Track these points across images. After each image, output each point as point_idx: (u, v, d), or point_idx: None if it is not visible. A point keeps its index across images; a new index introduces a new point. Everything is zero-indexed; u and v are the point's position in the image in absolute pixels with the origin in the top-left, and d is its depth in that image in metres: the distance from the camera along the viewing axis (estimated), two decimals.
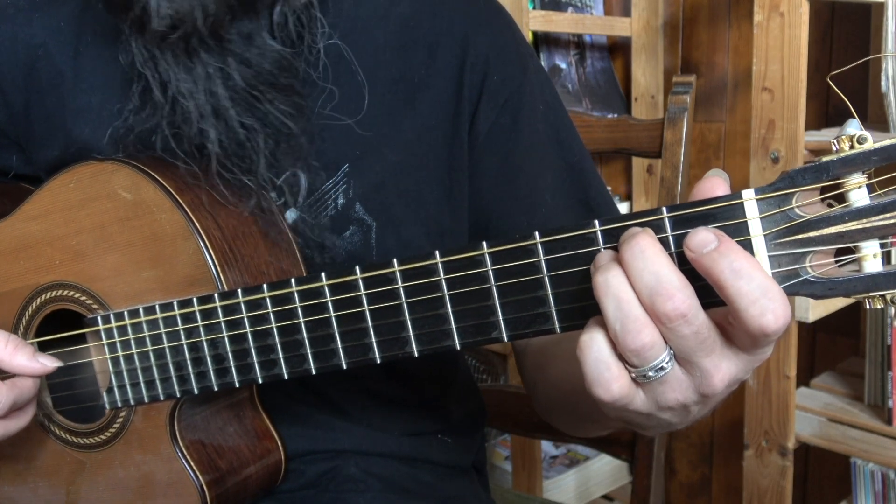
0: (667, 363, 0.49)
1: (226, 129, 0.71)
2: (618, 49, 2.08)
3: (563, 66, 1.97)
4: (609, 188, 2.06)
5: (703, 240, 0.46)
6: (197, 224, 0.67)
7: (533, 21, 1.73)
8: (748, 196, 0.48)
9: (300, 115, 0.74)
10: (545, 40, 1.95)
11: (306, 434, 0.82)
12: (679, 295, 0.46)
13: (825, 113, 1.79)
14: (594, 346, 0.49)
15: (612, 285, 0.48)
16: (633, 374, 0.50)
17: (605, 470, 2.02)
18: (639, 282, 0.47)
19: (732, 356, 0.49)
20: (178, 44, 0.69)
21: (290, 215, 0.76)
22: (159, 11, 0.67)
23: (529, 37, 1.73)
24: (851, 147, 0.45)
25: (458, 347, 0.56)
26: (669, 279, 0.46)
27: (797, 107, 1.38)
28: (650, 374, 0.49)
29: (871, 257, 0.46)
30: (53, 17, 0.82)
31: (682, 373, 0.50)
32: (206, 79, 0.70)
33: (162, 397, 0.70)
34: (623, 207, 2.03)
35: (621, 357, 0.49)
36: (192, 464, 0.71)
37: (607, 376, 0.49)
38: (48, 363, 0.72)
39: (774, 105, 1.41)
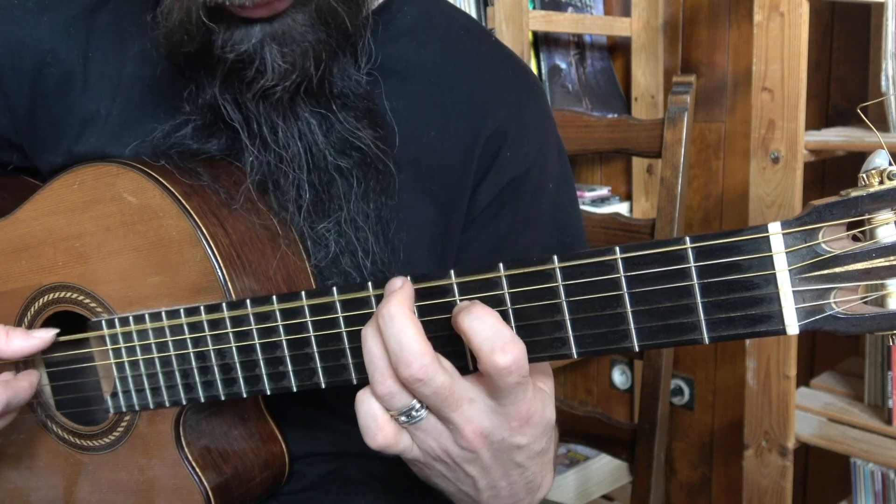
0: (417, 411, 0.55)
1: (318, 176, 0.69)
2: (618, 49, 2.08)
3: (563, 66, 1.97)
4: (609, 188, 2.08)
5: (460, 305, 0.54)
6: (204, 231, 0.66)
7: (533, 21, 1.72)
8: (774, 230, 0.47)
9: (389, 150, 0.72)
10: (545, 40, 1.95)
11: (308, 435, 0.81)
12: (416, 362, 0.52)
13: (825, 113, 1.79)
14: (366, 400, 0.56)
15: (367, 339, 0.55)
16: (392, 415, 0.56)
17: (605, 470, 2.03)
18: (387, 345, 0.53)
19: (485, 409, 0.54)
20: (283, 96, 0.66)
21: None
22: (274, 67, 0.63)
23: (529, 37, 1.73)
24: (881, 182, 0.45)
25: (472, 369, 0.56)
26: (410, 347, 0.52)
27: (797, 107, 1.38)
28: (402, 418, 0.55)
29: None
30: (62, 18, 0.80)
31: (437, 422, 0.55)
32: (308, 130, 0.68)
33: (167, 404, 0.69)
34: (623, 207, 2.03)
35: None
36: (197, 470, 0.70)
37: (373, 426, 0.56)
38: (45, 334, 0.71)
39: (774, 105, 1.41)
